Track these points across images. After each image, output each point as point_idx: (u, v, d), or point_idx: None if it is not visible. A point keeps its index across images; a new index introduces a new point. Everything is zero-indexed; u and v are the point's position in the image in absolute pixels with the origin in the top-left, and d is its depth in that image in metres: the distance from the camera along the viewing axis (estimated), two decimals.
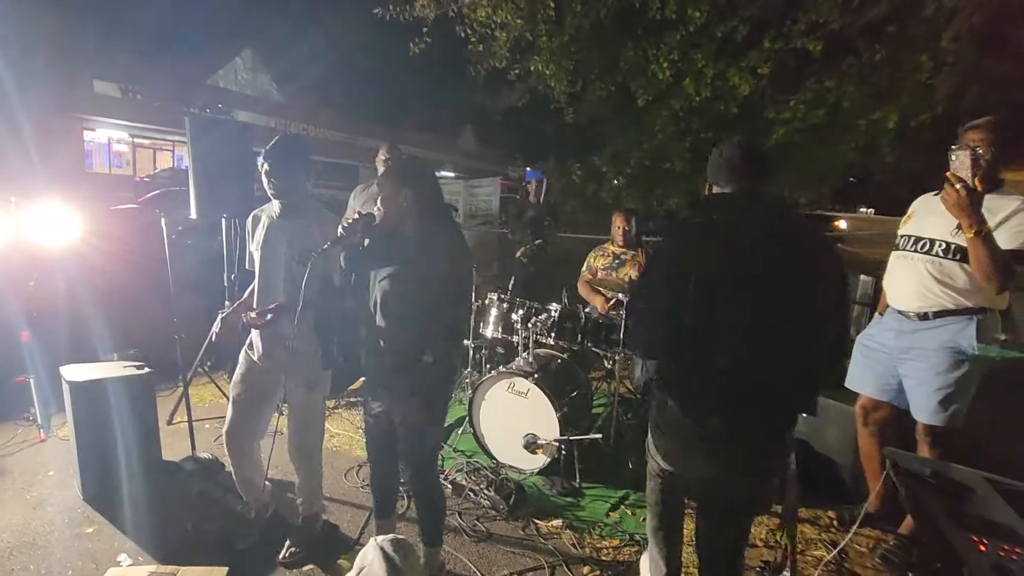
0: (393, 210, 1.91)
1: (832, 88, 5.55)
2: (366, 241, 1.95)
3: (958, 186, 1.94)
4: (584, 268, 3.99)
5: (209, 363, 3.81)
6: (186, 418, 3.09)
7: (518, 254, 4.70)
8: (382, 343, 1.97)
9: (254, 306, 2.21)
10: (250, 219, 2.26)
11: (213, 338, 2.31)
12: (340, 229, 1.88)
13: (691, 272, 1.49)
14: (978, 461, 1.60)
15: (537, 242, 4.63)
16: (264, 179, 2.10)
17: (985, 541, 1.30)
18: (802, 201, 7.30)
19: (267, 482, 2.51)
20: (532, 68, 6.08)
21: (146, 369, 2.80)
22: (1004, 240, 1.98)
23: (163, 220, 2.70)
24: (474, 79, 7.04)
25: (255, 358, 2.23)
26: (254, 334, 2.22)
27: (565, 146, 8.43)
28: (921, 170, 5.97)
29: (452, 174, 20.56)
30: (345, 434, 3.42)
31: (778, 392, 1.50)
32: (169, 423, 3.43)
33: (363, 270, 1.96)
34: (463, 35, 5.95)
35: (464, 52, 6.45)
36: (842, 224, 14.41)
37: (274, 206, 2.19)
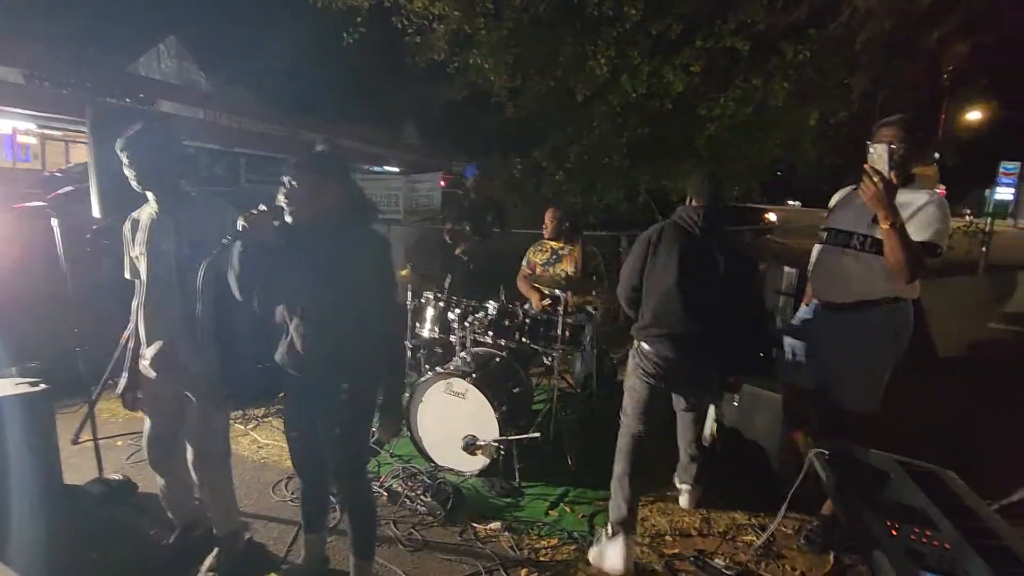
0: (312, 206, 1.78)
1: (759, 86, 5.77)
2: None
3: (875, 179, 2.02)
4: (524, 263, 3.96)
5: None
6: (94, 437, 2.83)
7: (458, 251, 4.61)
8: (301, 352, 1.85)
9: (140, 324, 2.03)
10: (127, 223, 2.04)
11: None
12: (242, 222, 1.71)
13: (657, 254, 2.30)
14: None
15: (477, 239, 4.55)
16: (125, 171, 1.92)
17: (897, 526, 1.35)
18: (734, 193, 7.59)
19: (197, 501, 2.35)
20: (471, 62, 5.99)
21: (42, 385, 2.53)
22: (914, 232, 2.08)
23: (54, 220, 2.43)
24: (413, 72, 6.86)
25: (150, 373, 2.05)
26: (143, 346, 2.05)
27: (507, 141, 8.39)
28: (840, 165, 6.32)
29: (396, 169, 20.08)
30: (275, 444, 3.24)
31: (718, 334, 2.27)
32: (75, 443, 3.14)
33: (262, 270, 1.79)
34: (399, 27, 5.77)
35: (403, 44, 6.26)
36: (772, 216, 15.15)
37: (152, 204, 2.00)
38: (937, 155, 8.86)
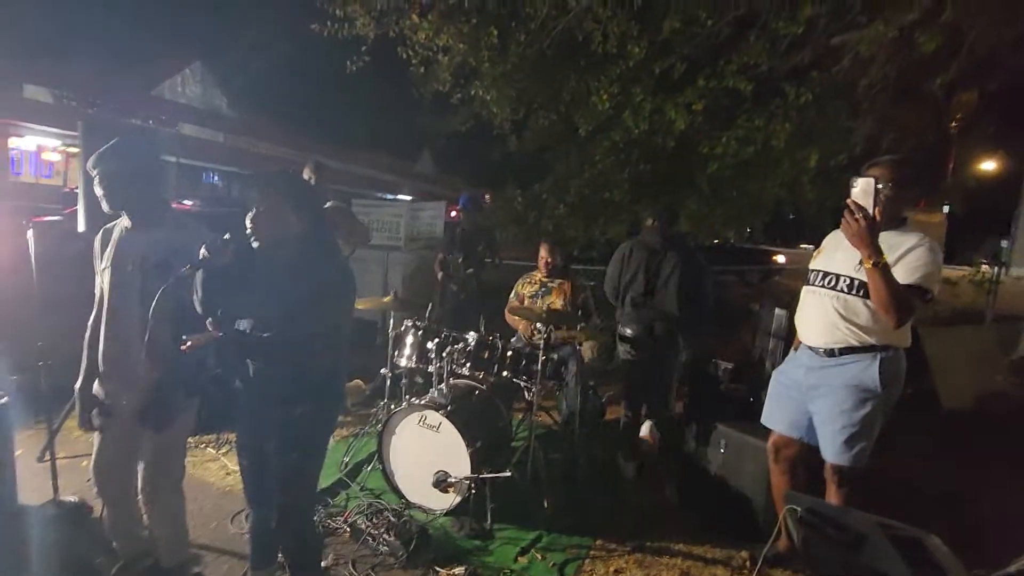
0: (273, 227, 1.74)
1: (761, 127, 5.76)
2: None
3: (858, 215, 1.94)
4: (512, 295, 3.89)
5: None
6: (63, 455, 2.76)
7: (451, 284, 4.58)
8: (256, 375, 1.79)
9: (100, 340, 1.97)
10: (99, 236, 2.01)
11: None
12: (204, 251, 1.67)
13: (630, 262, 3.42)
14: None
15: (469, 271, 4.52)
16: (95, 189, 1.88)
17: None
18: (731, 234, 7.53)
19: (146, 531, 2.25)
20: (473, 93, 6.06)
21: (4, 399, 2.48)
22: (901, 275, 1.99)
23: (29, 232, 2.41)
24: (420, 102, 6.98)
25: (101, 391, 1.99)
26: (101, 361, 1.98)
27: (510, 173, 8.44)
28: (842, 207, 6.25)
29: (409, 197, 20.33)
30: None
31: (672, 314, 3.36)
32: (40, 460, 3.06)
33: (223, 294, 1.74)
34: (405, 57, 5.87)
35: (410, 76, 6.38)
36: (780, 258, 14.95)
37: (124, 219, 1.96)
38: (946, 205, 8.75)
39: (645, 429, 3.51)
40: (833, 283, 2.20)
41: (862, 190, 2.04)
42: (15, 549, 2.29)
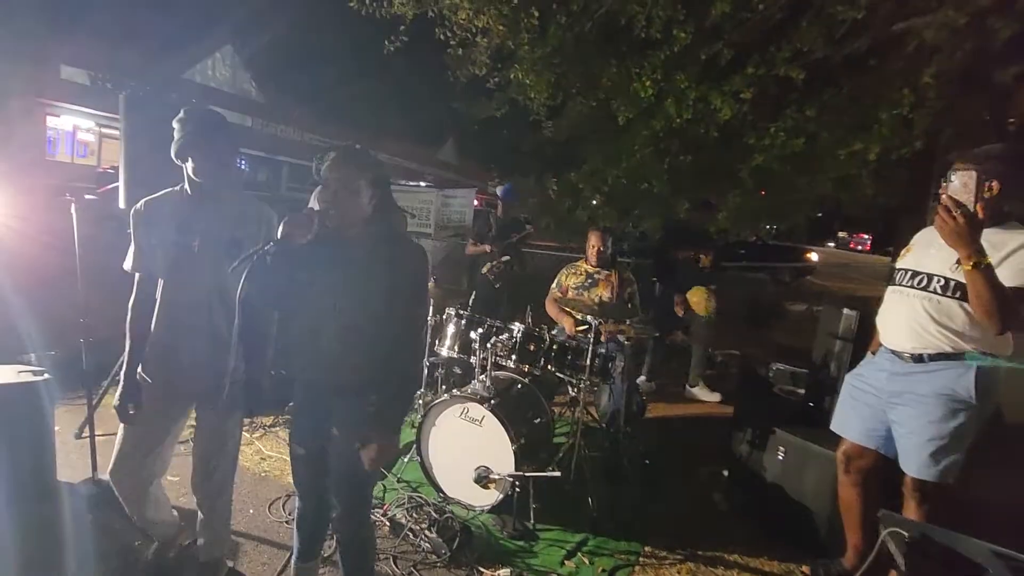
0: (346, 202, 1.64)
1: (812, 118, 5.49)
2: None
3: (956, 212, 1.76)
4: (554, 286, 3.75)
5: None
6: (101, 432, 2.71)
7: (484, 269, 4.47)
8: (324, 360, 1.68)
9: (152, 323, 1.85)
10: (141, 207, 1.82)
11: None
12: (283, 228, 1.54)
13: None
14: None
15: (505, 258, 4.40)
16: (189, 153, 1.75)
17: None
18: (773, 230, 7.27)
19: (175, 511, 2.18)
20: (512, 77, 5.89)
21: (45, 376, 2.42)
22: (1007, 277, 1.81)
23: (73, 208, 2.34)
24: (453, 87, 6.84)
25: (147, 376, 1.87)
26: (153, 345, 1.86)
27: (543, 161, 8.27)
28: (895, 206, 5.92)
29: (424, 184, 20.25)
30: (280, 457, 3.07)
31: None
32: (78, 437, 3.03)
33: (287, 275, 1.65)
34: (442, 38, 5.73)
35: (446, 58, 6.24)
36: (814, 256, 14.48)
37: (186, 189, 1.83)
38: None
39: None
40: (924, 283, 2.02)
41: (961, 184, 1.86)
42: (52, 525, 2.25)
